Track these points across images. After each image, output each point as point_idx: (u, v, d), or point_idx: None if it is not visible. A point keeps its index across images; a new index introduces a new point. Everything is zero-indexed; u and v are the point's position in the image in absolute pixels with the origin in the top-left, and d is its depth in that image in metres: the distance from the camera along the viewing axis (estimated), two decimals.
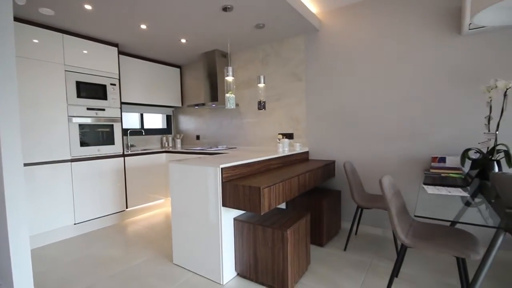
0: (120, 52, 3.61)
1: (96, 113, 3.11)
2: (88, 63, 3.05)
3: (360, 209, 2.82)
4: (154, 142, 4.43)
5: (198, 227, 2.05)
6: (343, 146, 2.94)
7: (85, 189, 3.01)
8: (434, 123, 2.43)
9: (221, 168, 1.88)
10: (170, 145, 4.54)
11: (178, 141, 4.28)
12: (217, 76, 3.67)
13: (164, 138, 4.48)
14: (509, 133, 2.14)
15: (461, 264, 1.49)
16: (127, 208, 3.43)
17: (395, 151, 2.63)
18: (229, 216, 2.00)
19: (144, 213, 3.69)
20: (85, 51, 3.02)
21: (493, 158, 1.83)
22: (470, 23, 2.11)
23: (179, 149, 3.83)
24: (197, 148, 3.77)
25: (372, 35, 2.70)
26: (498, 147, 1.88)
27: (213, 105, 3.62)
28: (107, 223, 3.25)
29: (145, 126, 4.37)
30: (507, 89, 1.77)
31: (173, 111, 4.73)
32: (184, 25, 2.82)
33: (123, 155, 3.37)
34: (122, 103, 3.71)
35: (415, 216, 1.25)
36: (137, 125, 4.28)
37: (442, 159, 2.29)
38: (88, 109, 3.04)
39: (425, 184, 1.85)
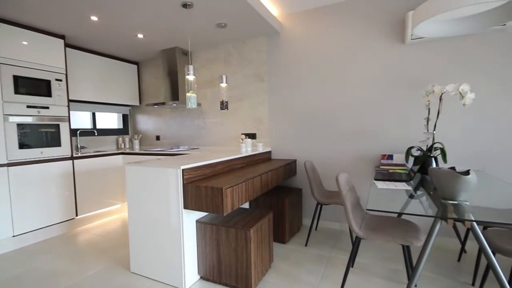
0: (67, 45, 3.29)
1: (39, 112, 2.79)
2: (29, 56, 2.72)
3: (319, 206, 2.96)
4: (109, 143, 4.13)
5: (158, 232, 1.96)
6: (304, 145, 3.05)
7: (26, 196, 2.68)
8: (383, 123, 2.65)
9: (182, 170, 1.83)
10: (127, 146, 4.27)
11: (136, 142, 4.05)
12: (178, 75, 3.55)
13: (120, 139, 4.20)
14: (444, 132, 2.42)
15: (406, 251, 1.64)
16: (77, 215, 3.14)
17: (350, 149, 2.82)
18: (191, 218, 1.94)
19: (98, 220, 3.41)
20: (25, 42, 2.69)
21: (431, 155, 2.06)
22: (412, 34, 2.35)
23: (137, 151, 3.62)
24: (157, 149, 3.60)
25: (329, 41, 2.85)
26: (435, 145, 2.12)
27: (174, 105, 3.50)
28: (54, 233, 2.94)
29: (98, 126, 4.05)
30: (442, 93, 2.01)
31: (130, 110, 4.45)
32: (141, 19, 2.68)
33: (72, 158, 3.08)
34: (70, 100, 3.39)
35: (367, 209, 1.35)
36: (88, 125, 3.94)
37: (390, 157, 2.51)
38: (28, 107, 2.71)
39: (375, 179, 2.01)
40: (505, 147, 2.24)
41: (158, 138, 4.18)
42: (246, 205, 2.80)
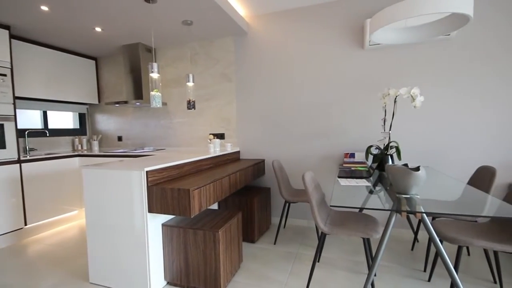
0: (13, 37, 2.96)
1: None
2: None
3: (287, 204, 3.03)
4: (63, 144, 3.80)
5: (120, 238, 1.85)
6: (272, 145, 3.10)
7: None
8: (346, 123, 2.80)
9: (146, 172, 1.75)
10: (85, 147, 3.97)
11: (95, 143, 3.78)
12: (141, 72, 3.39)
13: (77, 139, 3.89)
14: (399, 132, 2.63)
15: (366, 243, 1.75)
16: (26, 225, 2.84)
17: (316, 148, 2.93)
18: (156, 222, 1.87)
19: (52, 228, 3.12)
20: None
21: (387, 153, 2.22)
22: (370, 40, 2.51)
23: (96, 152, 3.38)
24: (119, 151, 3.40)
25: (295, 43, 2.93)
26: (391, 144, 2.28)
27: (137, 104, 3.33)
28: None
29: (50, 126, 3.71)
30: (396, 96, 2.18)
31: (87, 108, 4.15)
32: (98, 12, 2.50)
33: (19, 161, 2.78)
34: (16, 98, 3.06)
35: (331, 206, 1.42)
36: (39, 125, 3.59)
37: (352, 155, 2.66)
38: None
39: (339, 177, 2.11)
40: (449, 145, 2.50)
41: (120, 139, 3.95)
42: (214, 206, 2.76)
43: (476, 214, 1.24)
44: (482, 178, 1.96)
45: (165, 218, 1.98)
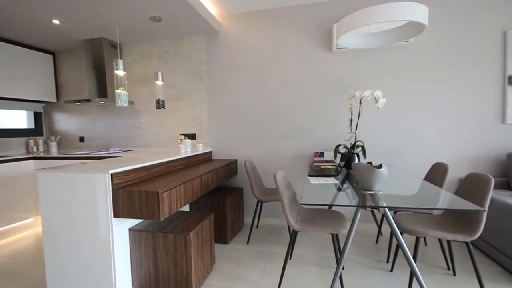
0: None
1: None
2: None
3: (260, 203, 3.05)
4: (16, 146, 3.46)
5: (82, 246, 1.73)
6: (244, 145, 3.11)
7: None
8: (316, 123, 2.89)
9: (111, 174, 1.65)
10: (41, 149, 3.65)
11: (53, 145, 3.49)
12: (106, 69, 3.20)
13: (32, 141, 3.57)
14: (364, 132, 2.77)
15: (335, 239, 1.82)
16: None
17: (287, 148, 2.98)
18: (122, 227, 1.78)
19: (3, 238, 2.83)
20: None
21: (354, 152, 2.33)
22: (337, 44, 2.62)
23: (54, 154, 3.13)
24: (81, 152, 3.18)
25: (266, 44, 2.96)
26: (357, 143, 2.40)
27: (101, 102, 3.14)
28: None
29: (0, 126, 3.36)
30: (361, 98, 2.30)
31: (44, 107, 3.82)
32: (55, 3, 2.32)
33: None
34: None
35: (301, 204, 1.45)
36: None
37: (322, 154, 2.76)
38: None
39: (309, 175, 2.18)
40: (408, 144, 2.69)
41: (82, 139, 3.70)
42: (186, 208, 2.70)
43: (431, 207, 1.35)
44: (436, 174, 2.14)
45: (133, 222, 1.89)
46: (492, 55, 2.47)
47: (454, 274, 1.96)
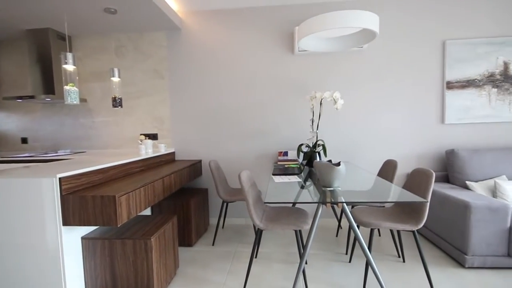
0: None
1: None
2: None
3: (225, 203, 3.03)
4: None
5: (26, 261, 1.55)
6: (209, 145, 3.06)
7: None
8: (279, 123, 2.96)
9: (60, 178, 1.51)
10: None
11: None
12: (53, 63, 2.91)
13: None
14: (325, 131, 2.91)
15: (298, 235, 1.88)
16: None
17: (252, 147, 3.01)
18: (74, 235, 1.63)
19: None
20: None
21: (315, 150, 2.43)
22: (298, 47, 2.71)
23: None
24: (24, 155, 2.84)
25: (231, 43, 2.95)
26: (318, 142, 2.51)
27: (48, 99, 2.84)
28: None
29: None
30: (321, 99, 2.40)
31: None
32: None
33: None
34: None
35: (265, 202, 1.47)
36: None
37: (286, 153, 2.83)
38: None
39: (273, 174, 2.22)
40: (364, 143, 2.89)
41: (25, 141, 3.31)
42: (147, 212, 2.57)
43: (383, 201, 1.46)
44: (387, 170, 2.33)
45: (87, 230, 1.75)
46: (433, 62, 2.77)
47: (404, 261, 2.15)
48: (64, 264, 1.54)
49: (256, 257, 2.29)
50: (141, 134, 3.10)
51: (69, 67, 1.99)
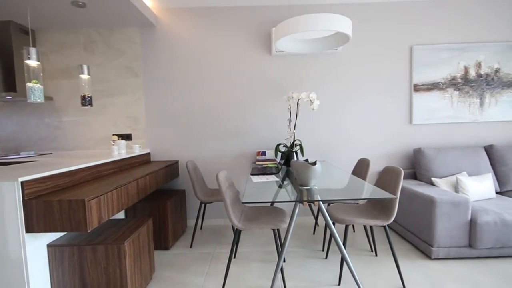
0: None
1: None
2: None
3: (203, 204, 2.99)
4: None
5: None
6: (186, 145, 3.00)
7: None
8: (257, 123, 2.97)
9: (22, 182, 1.40)
10: None
11: None
12: (14, 58, 2.69)
13: None
14: (302, 131, 2.96)
15: (276, 234, 1.91)
16: None
17: (230, 148, 2.99)
18: (39, 243, 1.53)
19: None
20: None
21: (293, 150, 2.47)
22: (276, 47, 2.74)
23: None
24: None
25: (208, 42, 2.91)
26: (295, 142, 2.56)
27: (9, 97, 2.63)
28: None
29: None
30: (298, 99, 2.45)
31: None
32: None
33: None
34: None
35: (243, 202, 1.47)
36: None
37: (264, 153, 2.85)
38: None
39: (251, 174, 2.22)
40: (339, 142, 2.98)
41: None
42: (121, 215, 2.47)
43: (357, 198, 1.52)
44: (361, 168, 2.43)
45: (53, 236, 1.64)
46: (402, 66, 2.92)
47: (376, 255, 2.26)
48: (28, 274, 1.43)
49: (234, 257, 2.28)
50: (113, 135, 2.97)
51: (33, 62, 1.86)
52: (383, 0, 2.83)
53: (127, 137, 2.98)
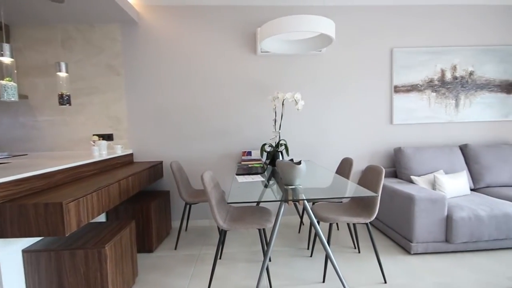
0: None
1: None
2: None
3: (188, 205, 2.94)
4: None
5: None
6: (170, 146, 2.94)
7: None
8: (243, 123, 2.96)
9: None
10: None
11: None
12: None
13: None
14: (287, 131, 2.99)
15: (262, 233, 1.91)
16: None
17: (215, 148, 2.97)
18: (13, 249, 1.45)
19: None
20: None
21: (278, 150, 2.49)
22: (261, 47, 2.75)
23: None
24: None
25: (194, 41, 2.87)
26: (281, 142, 2.57)
27: None
28: None
29: None
30: (283, 99, 2.47)
31: None
32: None
33: None
34: None
35: (228, 203, 1.47)
36: None
37: (249, 153, 2.85)
38: None
39: (237, 174, 2.22)
40: (323, 142, 3.03)
41: None
42: (102, 218, 2.39)
43: (341, 196, 1.55)
44: (344, 167, 2.48)
45: (29, 241, 1.57)
46: (383, 68, 3.01)
47: (359, 252, 2.31)
48: (1, 282, 1.36)
49: (220, 258, 2.27)
50: (94, 135, 2.87)
51: (6, 59, 1.76)
52: (365, 3, 2.90)
53: (108, 137, 2.89)
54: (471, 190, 2.80)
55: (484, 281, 1.85)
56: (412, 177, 2.67)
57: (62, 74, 2.27)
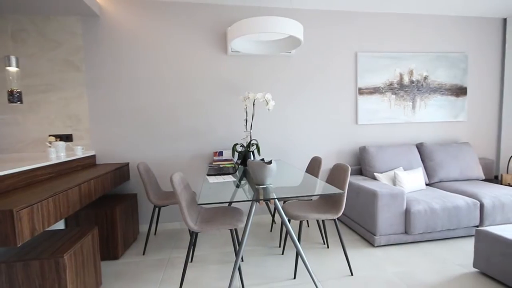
0: None
1: None
2: None
3: (157, 208, 2.84)
4: None
5: None
6: (137, 146, 2.81)
7: None
8: (214, 123, 2.93)
9: None
10: None
11: None
12: None
13: None
14: (258, 131, 3.01)
15: (234, 233, 1.90)
16: None
17: (186, 148, 2.90)
18: None
19: None
20: None
21: (249, 150, 2.50)
22: (231, 47, 2.74)
23: None
24: None
25: (162, 38, 2.77)
26: (252, 141, 2.59)
27: None
28: None
29: None
30: (254, 100, 2.48)
31: None
32: None
33: None
34: None
35: (198, 204, 1.44)
36: None
37: (221, 153, 2.82)
38: None
39: (208, 175, 2.18)
40: (293, 141, 3.11)
41: None
42: (60, 225, 2.22)
43: (310, 194, 1.60)
44: (313, 166, 2.57)
45: None
46: (348, 71, 3.16)
47: (328, 247, 2.40)
48: None
49: (191, 261, 2.22)
50: (50, 135, 2.65)
51: None
52: (332, 8, 3.02)
53: (67, 138, 2.69)
54: (426, 185, 3.05)
55: (438, 268, 2.03)
56: (375, 174, 2.84)
57: (12, 69, 2.07)
